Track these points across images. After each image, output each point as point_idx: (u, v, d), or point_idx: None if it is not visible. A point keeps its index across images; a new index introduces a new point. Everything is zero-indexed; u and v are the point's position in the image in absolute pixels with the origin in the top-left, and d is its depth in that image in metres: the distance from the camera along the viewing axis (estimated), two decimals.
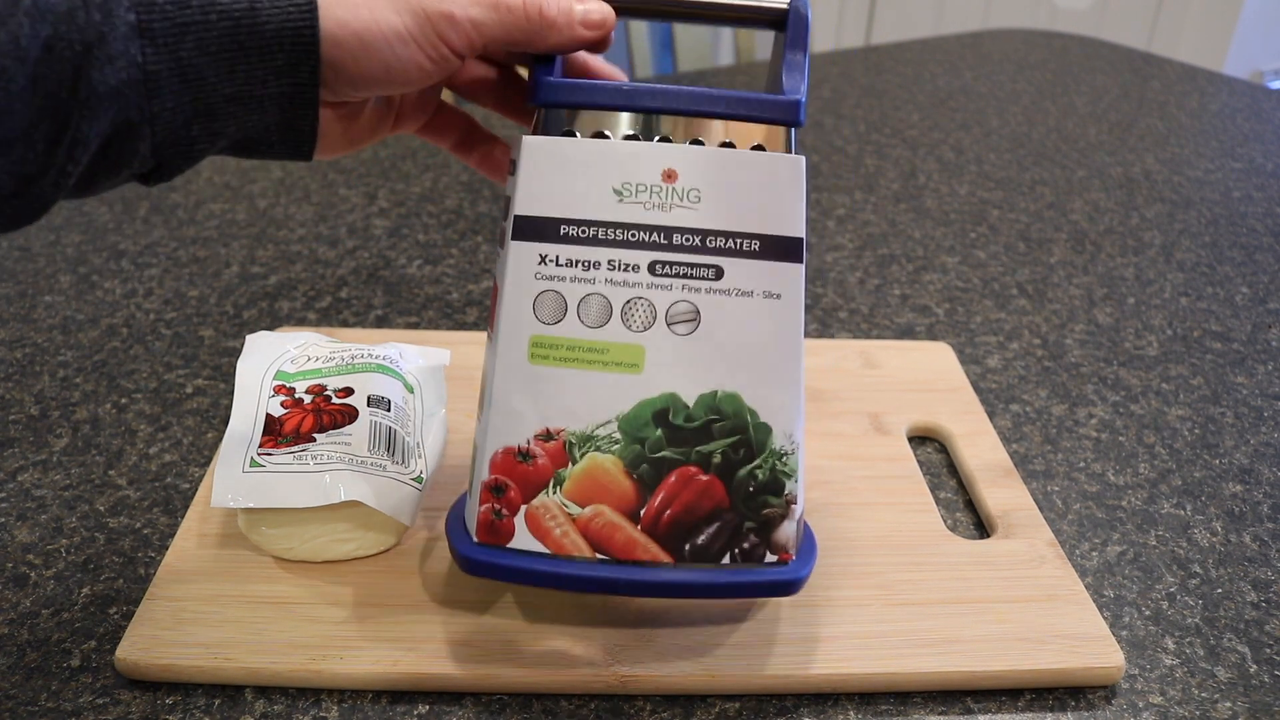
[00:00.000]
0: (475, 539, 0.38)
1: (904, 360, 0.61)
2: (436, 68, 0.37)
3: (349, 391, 0.46)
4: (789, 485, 0.38)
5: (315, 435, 0.44)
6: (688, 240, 0.37)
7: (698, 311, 0.37)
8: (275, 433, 0.44)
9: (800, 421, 0.38)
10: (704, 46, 1.31)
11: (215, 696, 0.39)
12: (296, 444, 0.44)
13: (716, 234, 0.37)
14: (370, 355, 0.49)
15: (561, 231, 0.37)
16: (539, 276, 0.37)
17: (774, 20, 0.41)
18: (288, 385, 0.47)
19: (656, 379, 0.37)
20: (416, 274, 0.70)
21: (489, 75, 0.43)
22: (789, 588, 0.38)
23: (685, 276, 0.37)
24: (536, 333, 0.37)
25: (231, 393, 0.56)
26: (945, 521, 0.49)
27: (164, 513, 0.48)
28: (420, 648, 0.40)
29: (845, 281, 0.72)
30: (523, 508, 0.38)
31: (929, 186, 0.88)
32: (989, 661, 0.41)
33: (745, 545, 0.38)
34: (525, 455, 0.38)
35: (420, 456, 0.45)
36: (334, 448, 0.43)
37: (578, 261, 0.37)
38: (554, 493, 0.38)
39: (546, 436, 0.38)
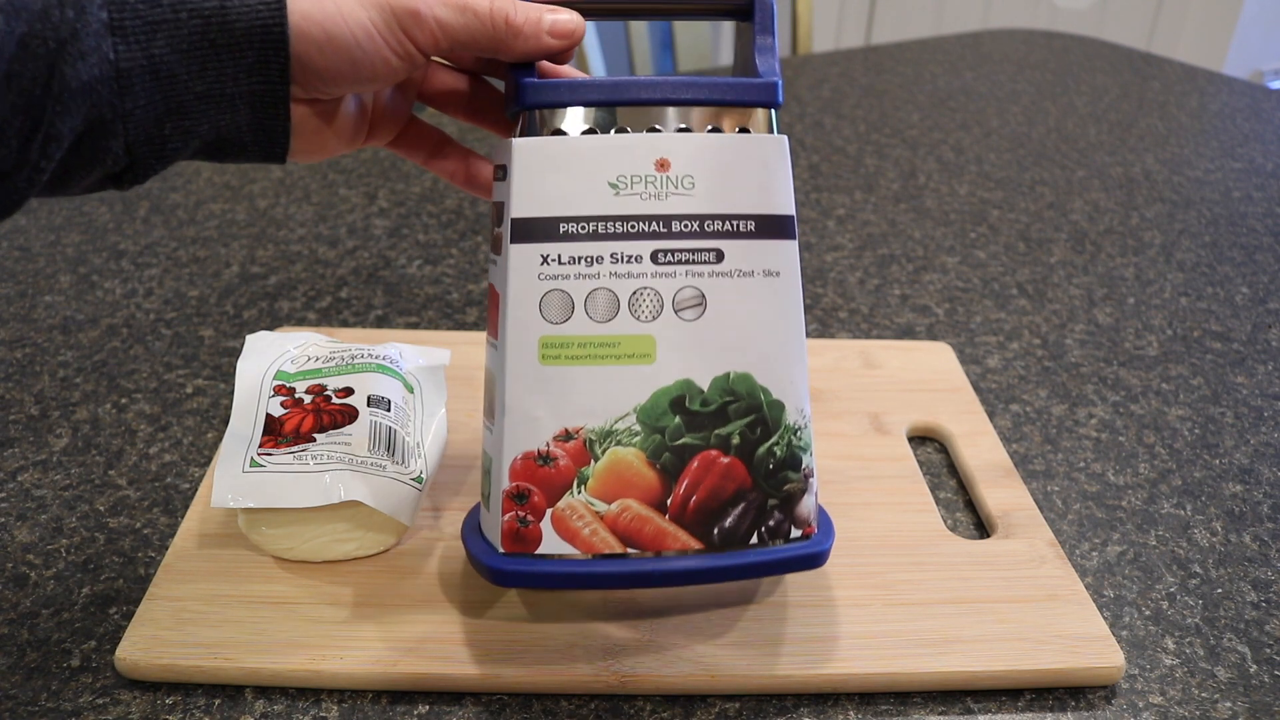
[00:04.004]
0: (501, 550, 0.37)
1: (904, 360, 0.61)
2: (403, 64, 0.37)
3: (349, 391, 0.46)
4: (805, 459, 0.39)
5: (315, 435, 0.44)
6: (686, 226, 0.37)
7: (703, 296, 0.38)
8: (275, 433, 0.44)
9: (808, 395, 0.39)
10: (704, 45, 1.31)
11: (215, 696, 0.39)
12: (296, 444, 0.44)
13: (714, 218, 0.38)
14: (370, 355, 0.49)
15: (561, 230, 0.37)
16: (542, 277, 0.37)
17: (740, 9, 0.42)
18: (288, 385, 0.47)
19: (670, 367, 0.38)
20: (416, 274, 0.70)
21: (459, 85, 0.43)
22: (815, 560, 0.39)
23: (688, 262, 0.37)
24: (546, 333, 0.37)
25: (231, 393, 0.56)
26: (945, 521, 0.49)
27: (164, 513, 0.48)
28: (420, 648, 0.40)
29: (845, 281, 0.72)
30: (548, 511, 0.37)
31: (929, 186, 0.88)
32: (989, 661, 0.41)
33: (771, 523, 0.38)
34: (545, 459, 0.37)
35: (420, 456, 0.45)
36: (334, 448, 0.43)
37: (580, 258, 0.37)
38: (579, 492, 0.37)
39: (565, 437, 0.37)
